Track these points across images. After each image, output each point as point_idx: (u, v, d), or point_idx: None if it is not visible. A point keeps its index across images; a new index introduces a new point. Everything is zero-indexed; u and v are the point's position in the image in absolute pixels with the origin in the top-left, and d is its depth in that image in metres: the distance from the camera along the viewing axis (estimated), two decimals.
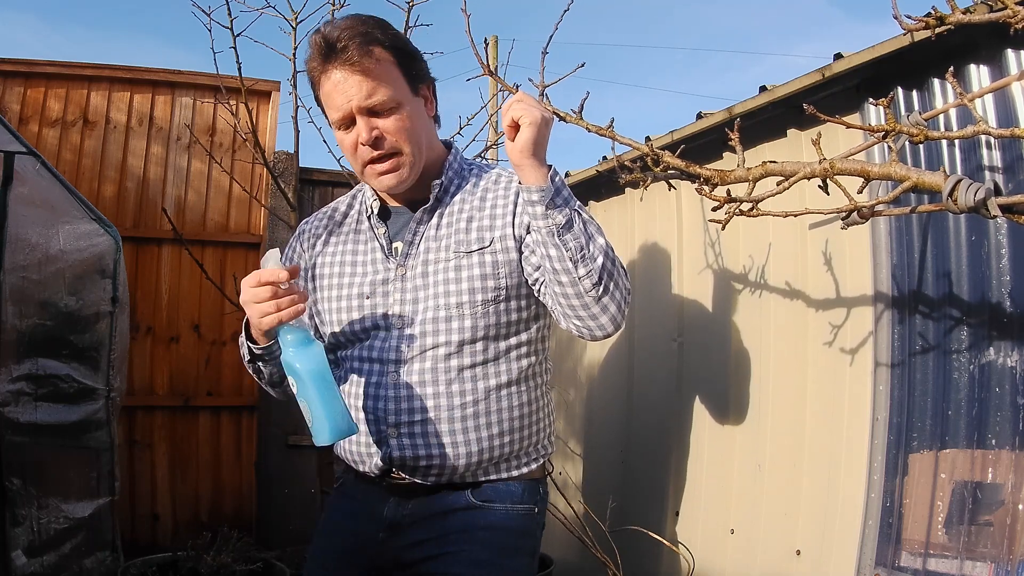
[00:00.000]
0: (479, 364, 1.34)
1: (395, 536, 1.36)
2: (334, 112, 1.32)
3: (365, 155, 1.33)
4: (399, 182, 1.35)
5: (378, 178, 1.35)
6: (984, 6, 1.35)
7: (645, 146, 1.69)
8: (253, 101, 3.73)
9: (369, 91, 1.28)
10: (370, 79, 1.28)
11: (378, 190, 1.40)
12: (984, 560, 1.51)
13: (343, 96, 1.29)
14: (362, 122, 1.30)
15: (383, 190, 1.39)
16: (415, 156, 1.34)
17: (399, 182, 1.35)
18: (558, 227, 1.21)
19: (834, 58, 1.81)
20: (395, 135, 1.31)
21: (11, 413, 2.36)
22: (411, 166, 1.34)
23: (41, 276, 2.51)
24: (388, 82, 1.30)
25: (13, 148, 2.34)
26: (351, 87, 1.28)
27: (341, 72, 1.29)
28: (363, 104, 1.29)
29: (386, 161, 1.33)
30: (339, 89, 1.29)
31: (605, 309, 1.25)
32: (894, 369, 1.77)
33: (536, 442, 1.42)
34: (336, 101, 1.30)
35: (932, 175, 1.25)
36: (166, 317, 3.67)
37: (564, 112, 1.67)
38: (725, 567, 2.13)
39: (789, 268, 2.03)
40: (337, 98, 1.30)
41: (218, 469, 3.70)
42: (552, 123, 1.24)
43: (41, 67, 3.59)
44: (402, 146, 1.32)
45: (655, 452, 2.43)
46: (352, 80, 1.28)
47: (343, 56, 1.28)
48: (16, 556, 2.29)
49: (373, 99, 1.29)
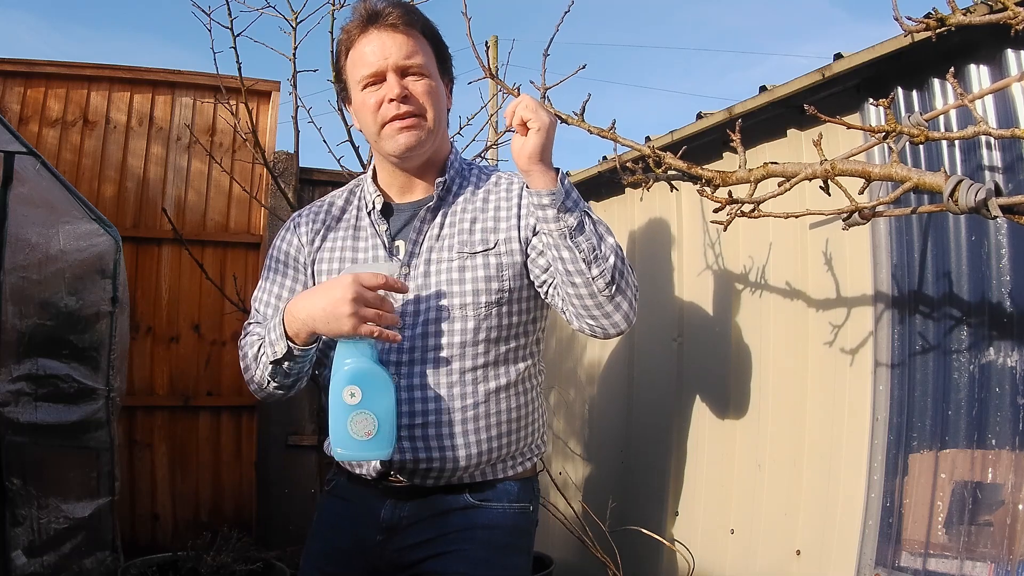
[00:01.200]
0: (480, 367, 1.34)
1: (393, 538, 1.36)
2: (365, 69, 1.34)
3: (389, 112, 1.33)
4: (417, 142, 1.35)
5: (397, 135, 1.34)
6: (984, 7, 1.35)
7: (647, 148, 1.69)
8: (253, 101, 3.73)
9: (409, 51, 1.33)
10: (410, 42, 1.33)
11: (393, 151, 1.36)
12: (984, 560, 1.52)
13: (379, 54, 1.32)
14: (393, 79, 1.33)
15: (401, 149, 1.35)
16: (435, 125, 1.36)
17: (417, 142, 1.35)
18: (570, 229, 1.21)
19: (834, 58, 1.81)
20: (423, 97, 1.34)
21: (11, 413, 2.36)
22: (429, 132, 1.36)
23: (41, 276, 2.51)
24: (424, 53, 1.36)
25: (13, 148, 2.34)
26: (391, 45, 1.32)
27: (383, 33, 1.33)
28: (400, 62, 1.32)
29: (409, 119, 1.34)
30: (377, 47, 1.33)
31: (618, 307, 1.26)
32: (894, 369, 1.77)
33: (531, 442, 1.43)
34: (369, 59, 1.33)
35: (933, 176, 1.25)
36: (166, 317, 3.67)
37: (566, 114, 1.67)
38: (725, 567, 2.13)
39: (789, 268, 2.03)
40: (372, 56, 1.33)
41: (218, 469, 3.70)
42: (556, 126, 1.25)
43: (41, 67, 3.58)
44: (427, 110, 1.35)
45: (655, 452, 2.43)
46: (395, 39, 1.33)
47: (388, 20, 1.33)
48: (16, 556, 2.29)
49: (411, 60, 1.33)
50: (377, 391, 1.22)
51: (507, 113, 1.23)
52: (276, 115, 3.89)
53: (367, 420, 1.22)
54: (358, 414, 1.22)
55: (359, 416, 1.22)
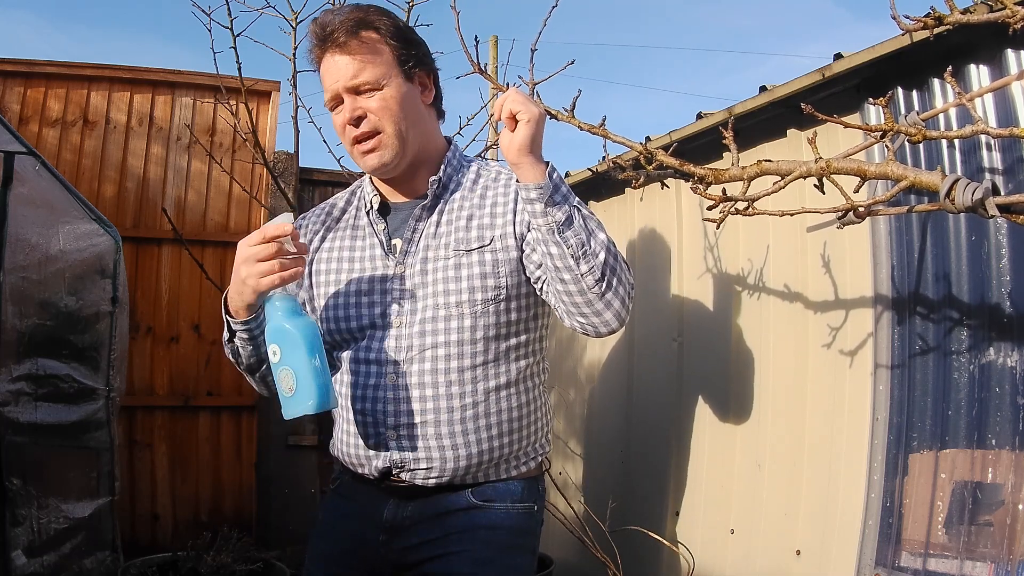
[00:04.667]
0: (479, 365, 1.33)
1: (396, 538, 1.36)
2: (326, 93, 1.36)
3: (351, 134, 1.35)
4: (381, 163, 1.35)
5: (362, 158, 1.37)
6: (983, 6, 1.35)
7: (638, 144, 1.68)
8: (253, 101, 3.73)
9: (354, 72, 1.32)
10: (356, 60, 1.32)
11: (366, 171, 1.41)
12: (984, 560, 1.51)
13: (331, 77, 1.34)
14: (348, 101, 1.34)
15: (369, 171, 1.40)
16: (398, 138, 1.34)
17: (381, 163, 1.35)
18: (558, 224, 1.20)
19: (834, 58, 1.81)
20: (377, 114, 1.33)
21: (11, 413, 2.36)
22: (393, 148, 1.34)
23: (41, 276, 2.51)
24: (376, 64, 1.33)
25: (13, 148, 2.34)
26: (339, 68, 1.33)
27: (332, 55, 1.34)
28: (348, 84, 1.33)
29: (368, 140, 1.34)
30: (329, 71, 1.34)
31: (609, 305, 1.24)
32: (894, 369, 1.77)
33: (534, 441, 1.42)
34: (326, 82, 1.35)
35: (929, 174, 1.25)
36: (166, 317, 3.67)
37: (556, 110, 1.66)
38: (725, 567, 2.13)
39: (789, 268, 2.03)
40: (327, 79, 1.35)
41: (218, 469, 3.70)
42: (545, 120, 1.24)
43: (41, 67, 3.59)
44: (384, 126, 1.34)
45: (655, 452, 2.42)
46: (341, 61, 1.33)
47: (332, 39, 1.33)
48: (16, 556, 2.29)
49: (358, 79, 1.33)
50: (291, 346, 1.22)
51: (495, 107, 1.23)
52: (276, 115, 3.89)
53: (288, 375, 1.23)
54: (282, 371, 1.24)
55: (282, 372, 1.23)
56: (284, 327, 1.23)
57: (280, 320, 1.24)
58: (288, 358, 1.22)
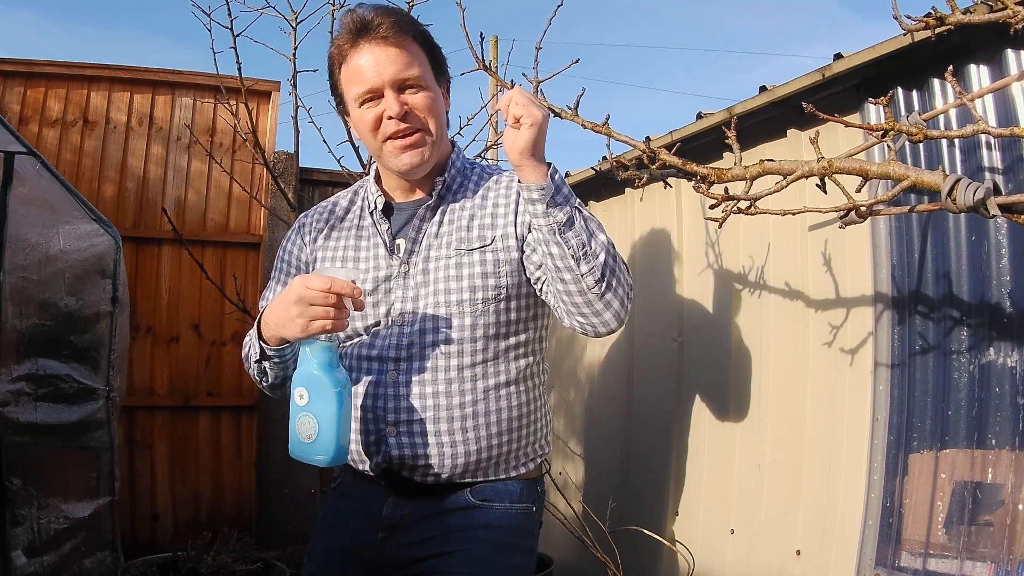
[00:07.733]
0: (479, 363, 1.34)
1: (394, 536, 1.37)
2: (360, 86, 1.31)
3: (389, 129, 1.31)
4: (422, 160, 1.34)
5: (400, 154, 1.33)
6: (984, 6, 1.35)
7: (641, 143, 1.69)
8: (253, 101, 3.73)
9: (405, 64, 1.30)
10: (405, 54, 1.30)
11: (397, 169, 1.37)
12: (984, 560, 1.51)
13: (374, 69, 1.30)
14: (391, 95, 1.30)
15: (403, 168, 1.35)
16: (438, 137, 1.35)
17: (422, 160, 1.34)
18: (559, 225, 1.21)
19: (834, 58, 1.81)
20: (424, 112, 1.32)
21: (11, 413, 2.35)
22: (432, 146, 1.35)
23: (41, 276, 2.51)
24: (421, 63, 1.33)
25: (13, 148, 2.34)
26: (386, 60, 1.29)
27: (375, 47, 1.30)
28: (397, 77, 1.30)
29: (412, 135, 1.32)
30: (371, 62, 1.30)
31: (608, 305, 1.25)
32: (894, 369, 1.77)
33: (533, 442, 1.42)
34: (365, 75, 1.31)
35: (931, 174, 1.25)
36: (166, 317, 3.67)
37: (560, 108, 1.66)
38: (725, 567, 2.13)
39: (789, 268, 2.03)
40: (366, 71, 1.30)
41: (218, 469, 3.70)
42: (549, 120, 1.25)
43: (41, 67, 3.59)
44: (429, 124, 1.33)
45: (655, 452, 2.43)
46: (388, 53, 1.29)
47: (379, 32, 1.29)
48: (16, 556, 2.29)
49: (407, 73, 1.30)
50: (322, 398, 1.23)
51: (501, 104, 1.23)
52: (276, 115, 3.90)
53: (310, 423, 1.24)
54: (304, 416, 1.24)
55: (304, 418, 1.24)
56: (321, 377, 1.24)
57: (317, 368, 1.24)
58: (315, 407, 1.23)
